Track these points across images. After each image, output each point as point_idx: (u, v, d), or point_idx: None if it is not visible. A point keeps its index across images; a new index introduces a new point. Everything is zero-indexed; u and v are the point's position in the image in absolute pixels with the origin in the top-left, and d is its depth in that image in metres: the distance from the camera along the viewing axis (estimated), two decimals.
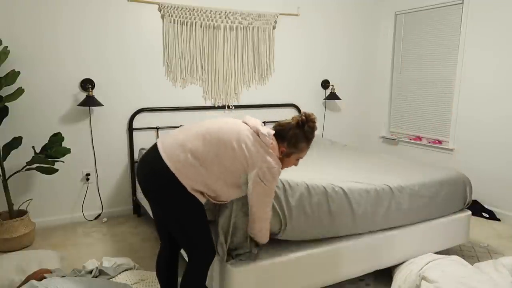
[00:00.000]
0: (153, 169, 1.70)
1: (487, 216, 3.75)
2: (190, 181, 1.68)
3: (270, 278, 2.06)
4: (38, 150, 3.30)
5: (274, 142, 1.79)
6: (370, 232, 2.41)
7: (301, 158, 1.88)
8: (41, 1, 3.25)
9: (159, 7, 3.69)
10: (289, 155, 1.84)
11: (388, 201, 2.42)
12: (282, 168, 1.82)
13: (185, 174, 1.67)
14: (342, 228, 2.26)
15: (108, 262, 2.56)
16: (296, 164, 1.91)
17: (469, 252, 3.01)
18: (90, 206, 3.69)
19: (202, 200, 1.76)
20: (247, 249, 1.95)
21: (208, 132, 1.73)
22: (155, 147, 1.76)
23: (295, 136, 1.80)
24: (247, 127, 1.79)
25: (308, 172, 2.74)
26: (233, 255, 1.96)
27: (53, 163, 3.05)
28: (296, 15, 4.40)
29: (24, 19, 3.21)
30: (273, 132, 1.81)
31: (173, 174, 1.66)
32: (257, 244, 1.99)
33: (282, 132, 1.82)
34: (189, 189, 1.69)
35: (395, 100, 4.90)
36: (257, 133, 1.77)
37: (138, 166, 1.81)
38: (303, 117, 1.81)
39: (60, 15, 3.33)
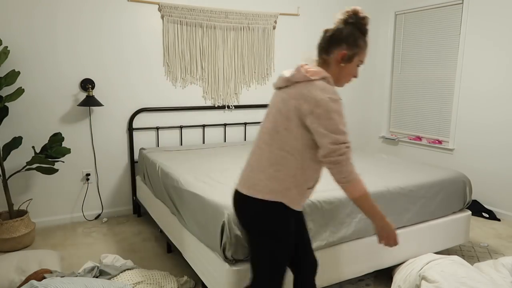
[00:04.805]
0: None
1: (487, 216, 3.75)
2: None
3: None
4: (38, 150, 3.30)
5: (314, 67, 1.50)
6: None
7: (362, 62, 1.57)
8: (42, 1, 3.25)
9: (159, 7, 3.68)
10: (351, 58, 1.52)
11: (388, 203, 2.42)
12: (342, 83, 1.57)
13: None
14: (344, 237, 2.27)
15: (107, 259, 2.56)
16: (356, 75, 1.59)
17: (469, 252, 3.01)
18: (90, 206, 3.69)
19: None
20: None
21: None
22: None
23: (352, 33, 1.50)
24: (280, 92, 1.55)
25: None
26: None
27: (53, 163, 3.05)
28: (296, 15, 4.40)
29: (24, 19, 3.21)
30: (311, 58, 1.56)
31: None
32: None
33: (332, 39, 1.52)
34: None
35: (395, 100, 4.90)
36: (291, 82, 1.50)
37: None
38: (350, 12, 1.52)
39: (60, 15, 3.33)
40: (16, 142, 3.11)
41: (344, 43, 1.51)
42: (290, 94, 1.48)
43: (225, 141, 4.20)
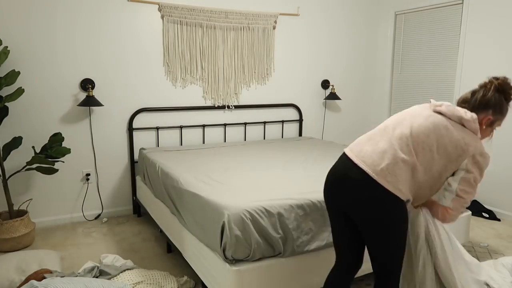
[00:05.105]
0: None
1: (487, 216, 3.75)
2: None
3: (270, 278, 2.06)
4: (38, 150, 3.30)
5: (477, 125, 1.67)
6: None
7: (500, 125, 1.78)
8: (42, 1, 3.25)
9: (159, 7, 3.69)
10: (492, 124, 1.74)
11: None
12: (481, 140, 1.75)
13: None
14: None
15: (107, 259, 2.56)
16: (491, 136, 1.80)
17: (469, 252, 3.01)
18: (90, 206, 3.69)
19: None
20: None
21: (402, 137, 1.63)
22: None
23: (500, 102, 1.70)
24: (442, 118, 1.66)
25: (306, 177, 2.74)
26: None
27: (53, 163, 3.05)
28: (296, 15, 4.40)
29: (24, 19, 3.21)
30: (475, 115, 1.67)
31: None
32: None
33: (481, 104, 1.72)
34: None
35: (395, 100, 4.90)
36: (461, 122, 1.65)
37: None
38: (499, 81, 1.72)
39: (60, 15, 3.33)
40: (16, 142, 3.11)
41: (491, 109, 1.70)
42: (458, 131, 1.63)
43: (225, 141, 4.20)
